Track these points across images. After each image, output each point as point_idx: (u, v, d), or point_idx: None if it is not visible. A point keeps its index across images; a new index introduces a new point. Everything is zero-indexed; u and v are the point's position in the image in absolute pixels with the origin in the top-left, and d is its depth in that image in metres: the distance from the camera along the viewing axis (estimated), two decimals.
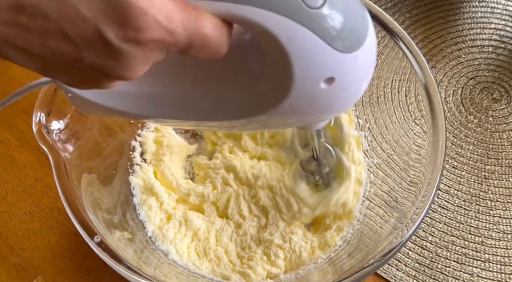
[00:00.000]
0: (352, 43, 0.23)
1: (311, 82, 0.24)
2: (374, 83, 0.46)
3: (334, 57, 0.23)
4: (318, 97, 0.25)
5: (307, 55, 0.22)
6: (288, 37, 0.22)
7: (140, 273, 0.32)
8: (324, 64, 0.23)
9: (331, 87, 0.24)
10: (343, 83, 0.24)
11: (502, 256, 0.44)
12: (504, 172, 0.48)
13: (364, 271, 0.32)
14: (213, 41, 0.21)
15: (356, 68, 0.24)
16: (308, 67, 0.23)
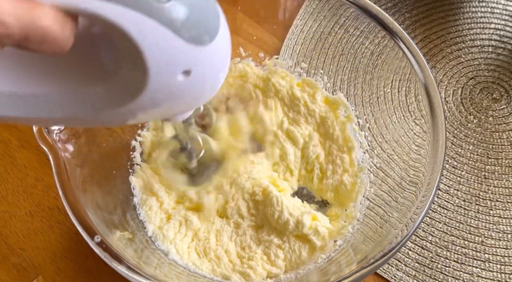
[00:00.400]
0: (205, 35, 0.23)
1: (168, 75, 0.24)
2: (374, 83, 0.46)
3: (188, 50, 0.23)
4: (176, 89, 0.25)
5: (160, 48, 0.22)
6: (138, 31, 0.21)
7: (140, 273, 0.32)
8: (178, 57, 0.23)
9: (188, 79, 0.24)
10: (200, 74, 0.25)
11: (502, 256, 0.44)
12: (504, 172, 0.48)
13: (364, 271, 0.32)
14: (53, 35, 0.20)
15: (212, 60, 0.25)
16: (163, 60, 0.23)
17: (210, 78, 0.26)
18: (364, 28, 0.45)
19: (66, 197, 0.34)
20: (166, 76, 0.24)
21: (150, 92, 0.24)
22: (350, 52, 0.48)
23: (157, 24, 0.21)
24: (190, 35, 0.23)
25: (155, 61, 0.23)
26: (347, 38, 0.48)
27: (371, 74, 0.46)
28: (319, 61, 0.50)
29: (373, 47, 0.45)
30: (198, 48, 0.23)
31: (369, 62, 0.46)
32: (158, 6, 0.21)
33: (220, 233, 0.42)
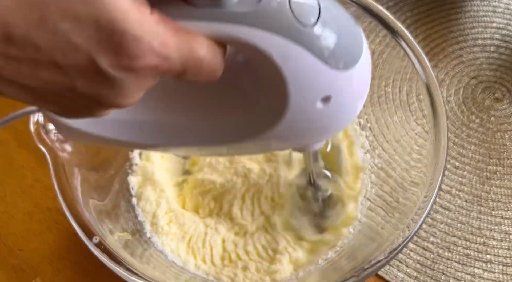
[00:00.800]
0: (347, 60, 0.23)
1: (307, 101, 0.23)
2: (375, 83, 0.46)
3: (329, 76, 0.22)
4: (314, 117, 0.24)
5: (302, 74, 0.22)
6: (281, 56, 0.21)
7: (139, 274, 0.32)
8: (319, 83, 0.23)
9: (327, 107, 0.24)
10: (339, 102, 0.24)
11: (504, 257, 0.43)
12: (506, 172, 0.48)
13: (366, 272, 0.32)
14: (208, 64, 0.21)
15: (352, 86, 0.24)
16: (304, 86, 0.22)
17: (348, 105, 0.26)
18: (365, 27, 0.45)
19: (64, 197, 0.34)
20: (306, 103, 0.23)
21: (288, 120, 0.24)
22: None
23: (302, 49, 0.21)
24: (334, 60, 0.22)
25: (296, 88, 0.22)
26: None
27: (372, 74, 0.46)
28: None
29: (374, 46, 0.45)
30: (339, 73, 0.23)
31: None
32: (303, 30, 0.21)
33: (220, 234, 0.42)
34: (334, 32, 0.22)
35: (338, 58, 0.22)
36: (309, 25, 0.21)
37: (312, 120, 0.25)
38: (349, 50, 0.23)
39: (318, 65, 0.22)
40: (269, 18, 0.20)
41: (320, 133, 0.27)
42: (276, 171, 0.43)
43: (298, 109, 0.23)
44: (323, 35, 0.21)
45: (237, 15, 0.20)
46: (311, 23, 0.21)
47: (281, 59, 0.21)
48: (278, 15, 0.21)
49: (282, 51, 0.21)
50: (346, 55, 0.23)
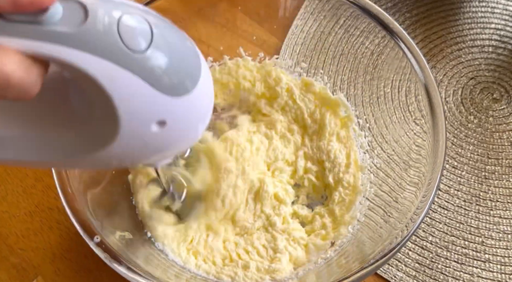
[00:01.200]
0: (182, 86, 0.22)
1: (140, 125, 0.23)
2: (374, 83, 0.46)
3: (162, 101, 0.22)
4: (150, 140, 0.24)
5: (132, 98, 0.21)
6: (108, 80, 0.20)
7: (140, 273, 0.32)
8: (152, 108, 0.22)
9: (163, 130, 0.23)
10: (177, 126, 0.24)
11: (502, 256, 0.44)
12: (504, 172, 0.48)
13: (364, 271, 0.32)
14: (17, 81, 0.19)
15: (190, 111, 0.24)
16: (135, 110, 0.22)
17: (187, 129, 0.25)
18: (364, 28, 0.45)
19: (66, 197, 0.34)
20: (139, 126, 0.23)
21: (122, 142, 0.23)
22: (350, 52, 0.48)
23: (130, 74, 0.20)
24: (166, 86, 0.21)
25: (126, 111, 0.22)
26: (347, 38, 0.48)
27: (371, 74, 0.46)
28: (319, 61, 0.49)
29: (373, 47, 0.45)
30: (174, 99, 0.22)
31: (369, 62, 0.46)
32: (132, 56, 0.20)
33: (219, 234, 0.42)
34: (168, 59, 0.21)
35: (171, 84, 0.22)
36: (138, 51, 0.20)
37: (148, 143, 0.24)
38: (184, 76, 0.22)
39: (149, 91, 0.21)
40: (94, 41, 0.20)
41: (161, 154, 0.26)
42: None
43: (130, 131, 0.23)
44: (154, 62, 0.21)
45: (58, 34, 0.19)
46: (141, 49, 0.20)
47: (107, 83, 0.20)
48: (104, 38, 0.20)
49: (108, 75, 0.20)
50: (181, 81, 0.22)
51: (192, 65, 0.23)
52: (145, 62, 0.21)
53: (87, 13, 0.20)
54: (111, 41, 0.20)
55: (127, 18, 0.20)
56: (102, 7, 0.20)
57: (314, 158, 0.46)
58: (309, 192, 0.45)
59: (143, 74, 0.21)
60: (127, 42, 0.20)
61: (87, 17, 0.20)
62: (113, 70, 0.20)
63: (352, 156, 0.45)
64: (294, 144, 0.47)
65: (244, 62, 0.48)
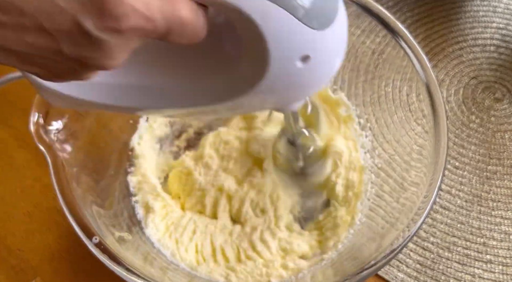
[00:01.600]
0: (323, 19, 0.23)
1: (287, 60, 0.24)
2: (375, 83, 0.46)
3: (307, 35, 0.23)
4: (294, 75, 0.25)
5: (282, 33, 0.22)
6: (261, 16, 0.22)
7: (139, 274, 0.32)
8: (298, 42, 0.23)
9: (306, 65, 0.24)
10: (318, 60, 0.25)
11: (504, 257, 0.43)
12: (506, 172, 0.48)
13: (365, 272, 0.32)
14: (191, 25, 0.21)
15: (330, 45, 0.25)
16: (283, 45, 0.23)
17: (327, 64, 0.26)
18: (365, 27, 0.45)
19: (64, 197, 0.34)
20: (286, 62, 0.24)
21: (269, 80, 0.24)
22: (351, 51, 0.47)
23: (279, 8, 0.21)
24: (310, 18, 0.22)
25: (276, 46, 0.23)
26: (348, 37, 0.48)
27: (372, 74, 0.46)
28: None
29: (374, 46, 0.45)
30: (317, 32, 0.23)
31: (370, 61, 0.46)
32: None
33: (218, 234, 0.42)
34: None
35: (315, 17, 0.23)
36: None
37: (292, 79, 0.25)
38: (325, 9, 0.23)
39: (296, 25, 0.22)
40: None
41: (300, 92, 0.27)
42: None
43: (278, 68, 0.24)
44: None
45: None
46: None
47: (260, 19, 0.22)
48: None
49: (261, 11, 0.21)
50: (323, 14, 0.23)
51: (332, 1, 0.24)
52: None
53: None
54: None
55: None
56: None
57: None
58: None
59: (291, 7, 0.22)
60: None
61: None
62: (265, 6, 0.21)
63: (354, 156, 0.45)
64: None
65: None
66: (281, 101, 0.28)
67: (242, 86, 0.26)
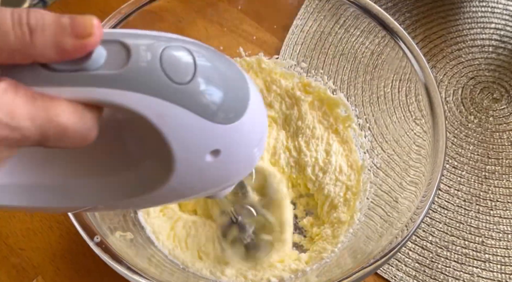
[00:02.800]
0: (231, 113, 0.22)
1: (195, 157, 0.22)
2: (374, 83, 0.46)
3: (214, 130, 0.22)
4: (206, 170, 0.23)
5: (183, 131, 0.21)
6: (158, 116, 0.20)
7: (140, 273, 0.32)
8: (204, 138, 0.22)
9: (218, 159, 0.23)
10: (231, 153, 0.23)
11: (503, 256, 0.44)
12: (505, 172, 0.48)
13: (364, 271, 0.32)
14: (73, 130, 0.19)
15: (243, 137, 0.23)
16: (188, 143, 0.22)
17: (243, 155, 0.25)
18: (364, 28, 0.45)
19: None
20: (193, 159, 0.22)
21: (179, 176, 0.23)
22: (350, 52, 0.48)
23: (179, 107, 0.20)
24: (216, 114, 0.21)
25: (179, 144, 0.21)
26: (347, 38, 0.48)
27: (371, 74, 0.46)
28: (319, 61, 0.49)
29: (373, 47, 0.45)
30: (225, 126, 0.22)
31: (369, 62, 0.46)
32: (178, 89, 0.20)
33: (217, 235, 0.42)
34: (214, 86, 0.21)
35: (221, 112, 0.21)
36: (184, 82, 0.20)
37: (204, 174, 0.24)
38: (232, 102, 0.22)
39: (200, 121, 0.21)
40: (139, 79, 0.20)
41: (218, 184, 0.26)
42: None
43: (186, 165, 0.22)
44: (201, 92, 0.21)
45: (104, 78, 0.19)
46: (186, 80, 0.20)
47: (158, 119, 0.20)
48: (149, 75, 0.20)
49: (158, 111, 0.20)
50: (230, 108, 0.22)
51: (240, 89, 0.23)
52: (191, 93, 0.20)
53: (130, 52, 0.20)
54: (156, 77, 0.20)
55: (168, 51, 0.20)
56: (143, 44, 0.20)
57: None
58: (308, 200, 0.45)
59: (191, 105, 0.21)
60: (171, 75, 0.20)
61: (130, 56, 0.20)
62: (161, 106, 0.20)
63: (352, 156, 0.45)
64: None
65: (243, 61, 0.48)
66: (199, 193, 0.27)
67: (149, 184, 0.24)
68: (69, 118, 0.19)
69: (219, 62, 0.22)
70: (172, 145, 0.21)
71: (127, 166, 0.24)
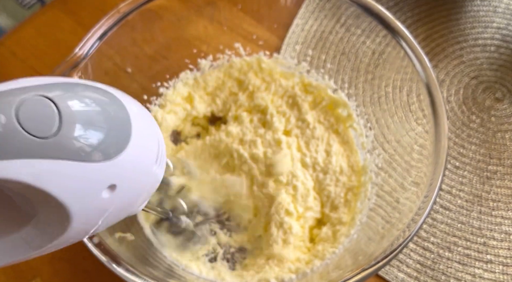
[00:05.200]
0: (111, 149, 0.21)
1: (90, 199, 0.22)
2: (375, 83, 0.46)
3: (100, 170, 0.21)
4: (108, 205, 0.23)
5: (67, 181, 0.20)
6: (34, 176, 0.19)
7: (138, 274, 0.32)
8: (92, 181, 0.21)
9: (117, 192, 0.22)
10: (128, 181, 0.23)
11: (505, 257, 0.43)
12: (507, 172, 0.48)
13: (366, 272, 0.32)
14: None
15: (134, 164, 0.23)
16: (76, 190, 0.21)
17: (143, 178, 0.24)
18: (365, 27, 0.45)
19: None
20: (90, 201, 0.22)
21: (79, 219, 0.22)
22: (351, 51, 0.47)
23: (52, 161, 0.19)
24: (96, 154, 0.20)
25: (69, 194, 0.20)
26: (348, 37, 0.48)
27: (373, 74, 0.46)
28: (320, 60, 0.49)
29: (374, 46, 0.45)
30: (111, 162, 0.21)
31: (370, 61, 0.46)
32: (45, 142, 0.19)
33: None
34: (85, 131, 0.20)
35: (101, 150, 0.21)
36: (50, 135, 0.19)
37: (106, 209, 0.23)
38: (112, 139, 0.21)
39: (81, 167, 0.20)
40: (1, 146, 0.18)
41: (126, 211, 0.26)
42: None
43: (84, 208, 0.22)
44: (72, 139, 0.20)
45: None
46: (52, 133, 0.19)
47: (34, 180, 0.19)
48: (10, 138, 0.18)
49: (30, 172, 0.19)
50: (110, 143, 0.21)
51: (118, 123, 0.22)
52: (62, 144, 0.19)
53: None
54: (18, 138, 0.18)
55: (25, 106, 0.19)
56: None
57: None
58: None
59: (65, 155, 0.19)
60: (34, 132, 0.18)
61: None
62: (33, 165, 0.19)
63: (353, 156, 0.45)
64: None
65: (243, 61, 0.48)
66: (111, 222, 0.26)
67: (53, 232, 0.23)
68: None
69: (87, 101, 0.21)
70: (61, 198, 0.20)
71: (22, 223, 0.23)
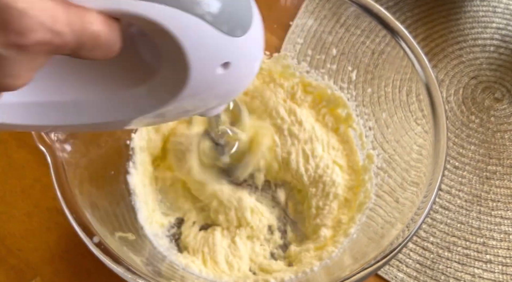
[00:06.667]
0: (240, 26, 0.24)
1: (208, 69, 0.24)
2: (375, 83, 0.46)
3: (225, 42, 0.23)
4: (216, 82, 0.25)
5: (199, 42, 0.22)
6: (178, 27, 0.21)
7: (139, 274, 0.32)
8: (217, 50, 0.23)
9: (227, 71, 0.25)
10: (238, 65, 0.25)
11: (504, 257, 0.43)
12: (506, 172, 0.48)
13: (365, 272, 0.32)
14: (104, 38, 0.20)
15: (248, 50, 0.25)
16: (202, 54, 0.23)
17: (247, 68, 0.27)
18: (365, 27, 0.45)
19: (64, 197, 0.34)
20: (207, 70, 0.24)
21: (191, 88, 0.24)
22: (351, 51, 0.47)
23: (196, 18, 0.21)
24: (227, 26, 0.23)
25: (195, 56, 0.23)
26: (347, 37, 0.48)
27: (372, 74, 0.46)
28: (320, 60, 0.49)
29: (374, 46, 0.45)
30: (235, 39, 0.23)
31: (370, 61, 0.46)
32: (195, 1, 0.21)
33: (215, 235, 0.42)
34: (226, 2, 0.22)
35: (229, 24, 0.23)
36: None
37: (214, 86, 0.25)
38: (239, 15, 0.24)
39: (214, 33, 0.22)
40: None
41: (224, 97, 0.28)
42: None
43: (199, 76, 0.24)
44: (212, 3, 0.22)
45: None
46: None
47: (177, 30, 0.21)
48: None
49: (177, 22, 0.21)
50: (237, 20, 0.23)
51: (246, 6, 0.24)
52: (206, 5, 0.22)
53: None
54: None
55: None
56: None
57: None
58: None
59: (206, 16, 0.22)
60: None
61: None
62: (181, 17, 0.21)
63: (353, 156, 0.45)
64: None
65: None
66: (205, 107, 0.28)
67: (163, 97, 0.25)
68: (101, 26, 0.19)
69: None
70: (189, 56, 0.22)
71: (141, 80, 0.25)
